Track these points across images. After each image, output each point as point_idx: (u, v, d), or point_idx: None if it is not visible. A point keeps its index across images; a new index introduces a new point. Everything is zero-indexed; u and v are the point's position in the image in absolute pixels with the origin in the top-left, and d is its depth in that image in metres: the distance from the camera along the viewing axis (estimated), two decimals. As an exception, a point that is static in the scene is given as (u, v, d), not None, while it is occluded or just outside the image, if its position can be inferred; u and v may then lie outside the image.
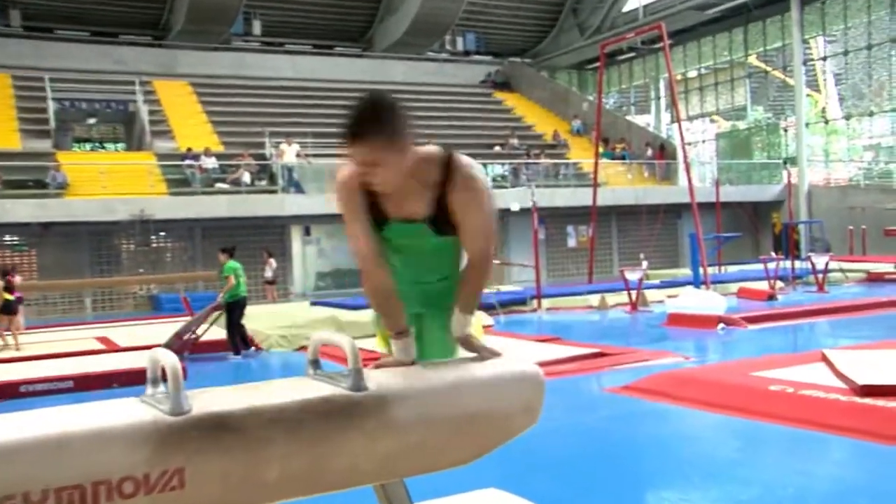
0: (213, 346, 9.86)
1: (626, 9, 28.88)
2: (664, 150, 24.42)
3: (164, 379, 1.82)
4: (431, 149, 2.21)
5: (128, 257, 18.32)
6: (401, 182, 2.14)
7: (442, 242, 2.28)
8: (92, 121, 22.82)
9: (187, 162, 18.82)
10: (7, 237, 17.42)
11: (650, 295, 13.77)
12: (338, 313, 11.35)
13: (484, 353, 2.21)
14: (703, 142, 29.48)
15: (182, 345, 9.25)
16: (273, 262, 16.70)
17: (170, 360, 1.76)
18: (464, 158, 2.20)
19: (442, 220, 2.22)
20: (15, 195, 16.38)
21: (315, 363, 2.10)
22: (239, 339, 9.61)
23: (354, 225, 2.25)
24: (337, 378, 1.96)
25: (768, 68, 27.12)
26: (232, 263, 9.80)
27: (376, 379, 1.98)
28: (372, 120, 2.05)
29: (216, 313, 9.84)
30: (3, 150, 18.11)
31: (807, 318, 10.71)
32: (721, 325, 10.04)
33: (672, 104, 18.83)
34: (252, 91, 24.14)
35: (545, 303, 13.73)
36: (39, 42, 23.38)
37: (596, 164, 18.54)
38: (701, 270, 13.84)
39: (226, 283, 9.57)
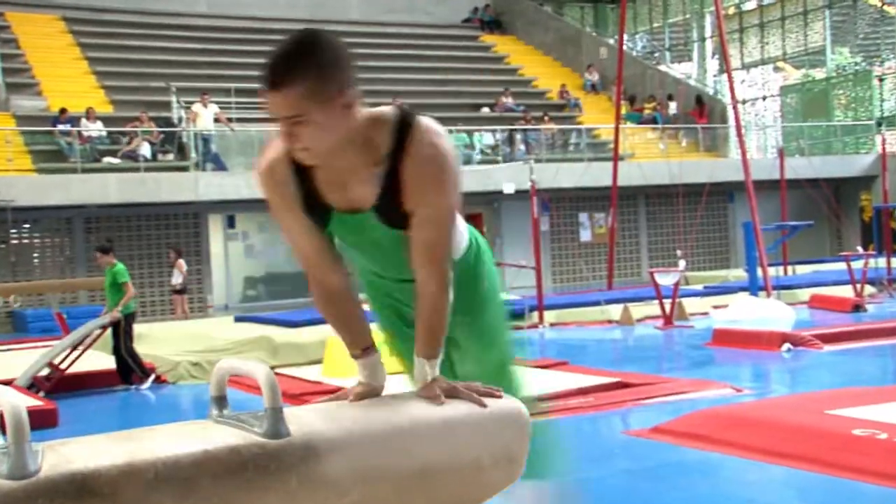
0: (98, 378, 9.79)
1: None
2: (709, 110, 24.56)
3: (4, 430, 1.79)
4: (384, 109, 2.23)
5: (-22, 259, 18.13)
6: (333, 149, 2.14)
7: (398, 236, 2.28)
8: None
9: (61, 128, 18.66)
10: None
11: (690, 305, 13.84)
12: (271, 332, 11.33)
13: (467, 397, 2.20)
14: (764, 98, 29.72)
15: (55, 379, 9.19)
16: (183, 264, 16.63)
17: (9, 402, 1.73)
18: (426, 122, 2.21)
19: (394, 207, 2.22)
20: None
21: (220, 401, 2.08)
22: (136, 364, 9.61)
23: (286, 218, 2.29)
24: (248, 421, 1.95)
25: (859, -8, 27.27)
26: (123, 266, 9.84)
27: (301, 421, 1.97)
28: (295, 61, 2.06)
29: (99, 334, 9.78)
30: None
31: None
32: (787, 346, 10.10)
33: (721, 48, 18.90)
34: (152, 31, 23.99)
35: (549, 316, 13.78)
36: None
37: (617, 129, 18.59)
38: (759, 272, 13.93)
39: (120, 294, 9.55)
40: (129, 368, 9.62)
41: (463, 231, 2.55)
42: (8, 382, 8.76)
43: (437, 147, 2.18)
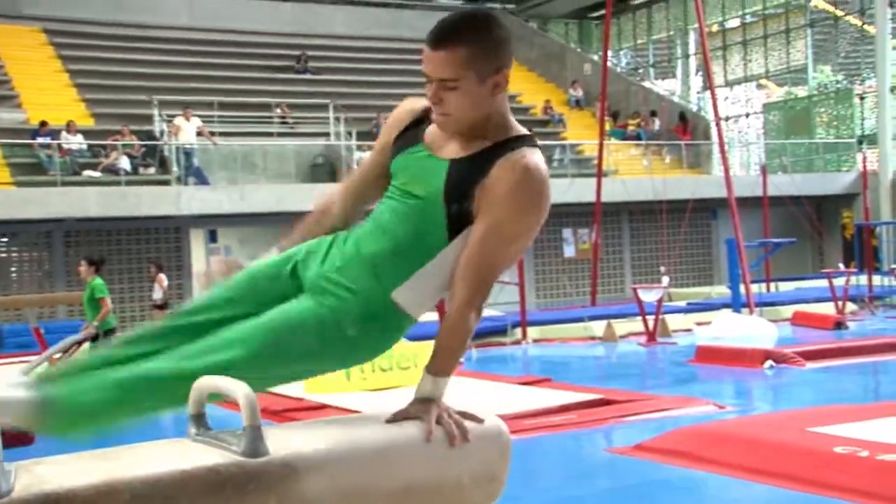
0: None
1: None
2: (692, 127, 24.69)
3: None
4: (516, 124, 2.26)
5: (-44, 273, 18.03)
6: (473, 121, 2.17)
7: (433, 202, 2.18)
8: None
9: (41, 140, 18.60)
10: None
11: (673, 322, 13.91)
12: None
13: (446, 426, 2.11)
14: (747, 115, 29.92)
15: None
16: (164, 278, 16.53)
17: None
18: (539, 153, 2.20)
19: (463, 183, 2.16)
20: None
21: (198, 419, 2.06)
22: None
23: (373, 151, 2.42)
24: (227, 439, 1.94)
25: (839, 12, 27.51)
26: (102, 281, 9.80)
27: (281, 440, 1.96)
28: (467, 27, 2.13)
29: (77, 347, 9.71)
30: None
31: (888, 355, 10.84)
32: (769, 363, 10.16)
33: (704, 65, 19.02)
34: (133, 44, 23.93)
35: (532, 332, 13.80)
36: None
37: (601, 145, 18.67)
38: (742, 289, 14.00)
39: (98, 308, 9.52)
40: None
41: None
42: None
43: (534, 171, 2.15)
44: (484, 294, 2.20)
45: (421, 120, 2.30)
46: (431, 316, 14.04)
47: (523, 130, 2.24)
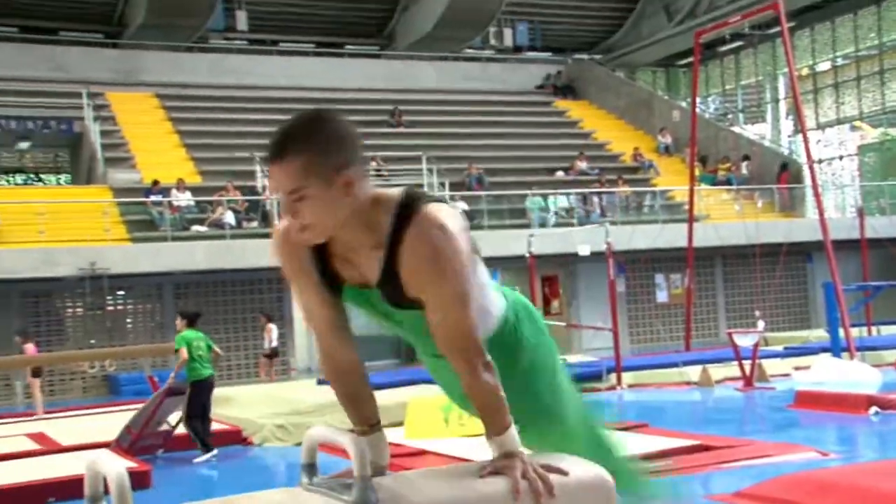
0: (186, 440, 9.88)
1: (728, -16, 28.99)
2: (787, 171, 24.25)
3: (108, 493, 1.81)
4: (391, 192, 2.16)
5: (75, 325, 18.54)
6: (335, 226, 2.09)
7: (410, 316, 2.21)
8: (24, 145, 23.42)
9: (153, 199, 19.12)
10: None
11: (770, 366, 13.56)
12: (352, 395, 11.30)
13: (532, 480, 2.07)
14: (841, 158, 29.23)
15: (138, 440, 9.28)
16: (273, 328, 16.83)
17: (114, 469, 1.75)
18: (429, 209, 2.10)
19: (397, 290, 2.15)
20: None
21: (310, 468, 2.09)
22: (197, 436, 9.46)
23: (301, 286, 2.27)
24: (337, 489, 1.95)
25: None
26: (188, 333, 9.75)
27: (389, 490, 1.97)
28: (296, 136, 2.05)
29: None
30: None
31: None
32: (875, 409, 9.79)
33: (795, 109, 18.71)
34: (237, 104, 24.59)
35: (627, 377, 13.60)
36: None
37: (692, 191, 18.43)
38: (842, 333, 13.59)
39: (195, 360, 9.51)
40: (201, 435, 9.44)
41: (491, 307, 2.39)
42: (105, 445, 8.94)
43: (434, 238, 2.06)
44: (478, 351, 2.15)
45: (317, 254, 2.22)
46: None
47: (396, 196, 2.14)
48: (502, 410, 2.17)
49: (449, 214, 2.11)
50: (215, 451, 9.44)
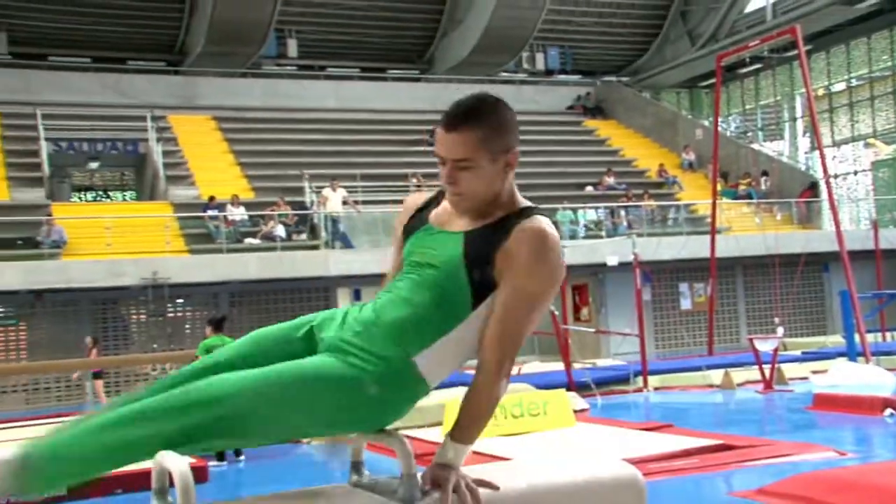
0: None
1: (749, 9, 28.80)
2: (811, 190, 23.98)
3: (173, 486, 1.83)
4: (522, 198, 2.21)
5: (138, 331, 18.74)
6: (484, 200, 2.12)
7: (451, 271, 2.09)
8: (94, 165, 23.72)
9: (210, 213, 19.29)
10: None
11: (789, 370, 13.43)
12: (393, 397, 11.28)
13: (461, 495, 1.95)
14: (856, 173, 28.86)
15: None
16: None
17: (179, 466, 1.77)
18: (546, 219, 2.12)
19: (481, 253, 2.07)
20: (1, 257, 16.93)
21: (358, 466, 2.09)
22: None
23: (395, 238, 2.32)
24: (384, 486, 1.96)
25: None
26: (210, 339, 9.57)
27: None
28: (477, 110, 2.11)
29: None
30: (-11, 203, 18.91)
31: None
32: (889, 411, 9.65)
33: (812, 127, 18.57)
34: (287, 125, 24.77)
35: (653, 381, 13.53)
36: (30, 71, 24.38)
37: (714, 205, 18.32)
38: (857, 338, 13.43)
39: None
40: None
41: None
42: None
43: (547, 239, 2.06)
44: (512, 360, 2.08)
45: (423, 208, 2.27)
46: (558, 366, 13.82)
47: (529, 203, 2.19)
48: (481, 427, 2.08)
49: (555, 234, 2.11)
50: (225, 464, 8.86)
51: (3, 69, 24.03)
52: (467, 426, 2.05)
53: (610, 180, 24.08)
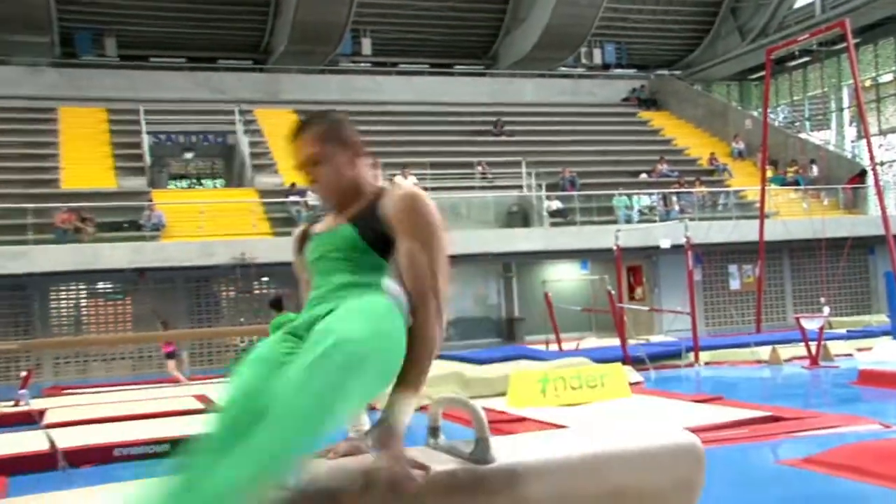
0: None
1: (797, 4, 28.10)
2: (860, 177, 23.37)
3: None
4: (382, 182, 2.28)
5: (228, 306, 19.07)
6: (343, 187, 2.21)
7: (355, 237, 2.13)
8: (189, 155, 24.16)
9: (292, 198, 19.48)
10: (101, 284, 18.51)
11: (834, 347, 13.13)
12: (462, 368, 11.34)
13: (394, 465, 1.81)
14: (900, 160, 28.03)
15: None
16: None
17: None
18: (406, 183, 2.22)
19: (371, 222, 2.13)
20: (110, 238, 17.40)
21: (435, 431, 2.10)
22: None
23: (297, 264, 2.40)
24: (460, 448, 1.96)
25: None
26: (278, 318, 9.71)
27: (506, 450, 1.97)
28: (313, 119, 2.26)
29: None
30: (99, 190, 19.35)
31: None
32: (930, 386, 9.41)
33: (860, 116, 18.06)
34: (363, 117, 24.84)
35: (704, 356, 13.35)
36: (134, 72, 25.01)
37: (763, 191, 17.95)
38: (900, 317, 13.10)
39: None
40: None
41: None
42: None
43: (417, 194, 2.14)
44: (438, 302, 2.03)
45: (307, 233, 2.36)
46: (614, 342, 13.70)
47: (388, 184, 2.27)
48: (423, 370, 1.98)
49: (424, 194, 2.17)
50: None
51: (112, 70, 24.75)
52: (410, 371, 1.96)
53: (663, 168, 23.75)
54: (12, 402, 11.04)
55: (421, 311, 2.03)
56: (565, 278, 20.78)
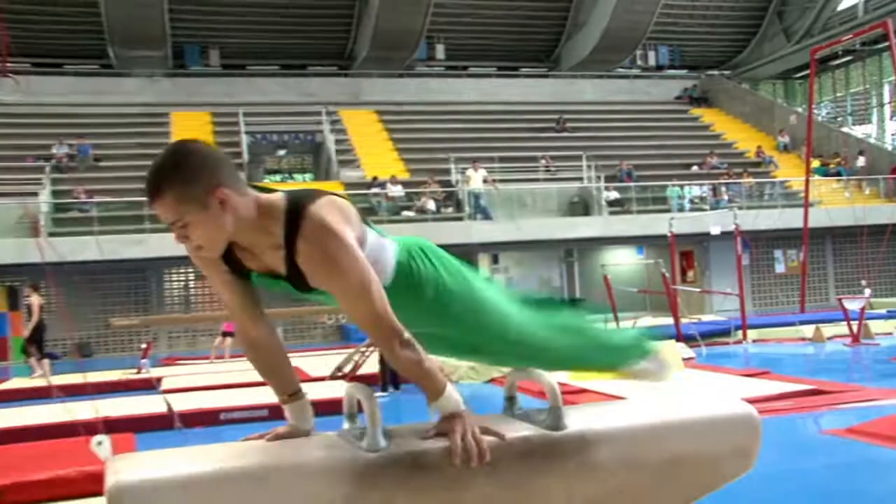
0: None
1: (841, 7, 27.15)
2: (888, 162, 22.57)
3: (361, 411, 1.89)
4: (273, 198, 1.86)
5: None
6: (224, 240, 1.84)
7: (325, 296, 1.94)
8: (282, 152, 24.54)
9: (374, 190, 19.64)
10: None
11: (875, 326, 12.72)
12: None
13: (468, 444, 1.80)
14: (940, 152, 26.90)
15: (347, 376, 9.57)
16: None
17: (367, 395, 1.82)
18: (313, 207, 1.81)
19: (304, 280, 1.88)
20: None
21: (511, 400, 2.11)
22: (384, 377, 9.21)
23: (211, 276, 1.98)
24: (534, 416, 1.97)
25: None
26: None
27: (577, 418, 1.96)
28: (162, 175, 1.78)
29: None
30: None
31: None
32: (967, 363, 9.04)
33: (898, 111, 17.43)
34: (437, 116, 24.93)
35: (751, 334, 13.07)
36: (234, 79, 25.54)
37: (807, 181, 17.45)
38: (939, 299, 12.60)
39: None
40: (395, 375, 9.05)
41: (386, 261, 2.02)
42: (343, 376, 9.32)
43: (322, 241, 1.79)
44: (392, 335, 1.84)
45: (228, 256, 1.93)
46: (667, 320, 13.50)
47: (280, 203, 1.85)
48: (431, 378, 1.87)
49: (330, 209, 1.83)
50: (387, 394, 9.05)
51: (216, 78, 25.29)
52: (423, 386, 1.89)
53: (713, 160, 23.25)
54: (135, 370, 11.42)
55: (384, 346, 1.87)
56: (623, 262, 20.55)
